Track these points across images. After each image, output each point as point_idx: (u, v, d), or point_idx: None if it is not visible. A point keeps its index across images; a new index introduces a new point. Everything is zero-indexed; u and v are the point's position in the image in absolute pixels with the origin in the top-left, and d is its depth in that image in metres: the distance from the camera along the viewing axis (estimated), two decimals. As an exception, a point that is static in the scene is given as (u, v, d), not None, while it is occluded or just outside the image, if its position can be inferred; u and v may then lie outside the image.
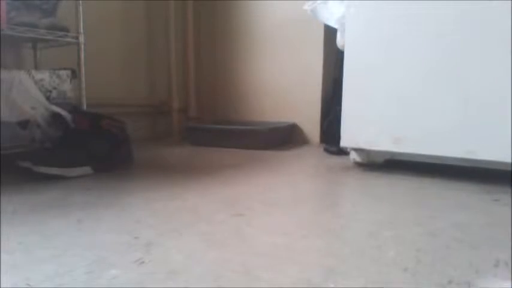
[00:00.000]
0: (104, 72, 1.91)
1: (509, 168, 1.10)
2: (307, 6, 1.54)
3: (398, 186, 1.13)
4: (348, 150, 1.44)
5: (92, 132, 1.29)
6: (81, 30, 1.53)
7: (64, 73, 1.48)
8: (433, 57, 1.18)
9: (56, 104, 1.38)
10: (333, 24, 1.47)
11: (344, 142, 1.36)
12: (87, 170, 1.24)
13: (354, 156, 1.41)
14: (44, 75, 1.42)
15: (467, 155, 1.15)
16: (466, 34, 1.13)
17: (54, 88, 1.44)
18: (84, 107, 1.55)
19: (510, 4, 1.06)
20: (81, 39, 1.52)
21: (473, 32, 1.12)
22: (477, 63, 1.12)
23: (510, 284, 0.46)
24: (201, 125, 2.10)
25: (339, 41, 1.44)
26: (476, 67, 1.12)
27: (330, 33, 1.95)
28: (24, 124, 1.31)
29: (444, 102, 1.17)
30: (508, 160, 1.08)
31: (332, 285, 0.53)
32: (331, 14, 1.46)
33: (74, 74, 1.53)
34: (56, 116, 1.32)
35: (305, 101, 2.08)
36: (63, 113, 1.31)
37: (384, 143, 1.27)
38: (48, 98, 1.39)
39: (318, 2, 1.49)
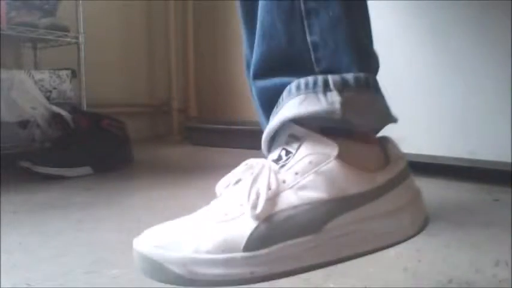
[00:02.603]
0: (104, 72, 1.91)
1: (509, 168, 1.10)
2: None
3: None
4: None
5: (92, 132, 1.29)
6: (81, 30, 1.53)
7: (64, 73, 1.49)
8: (433, 56, 1.18)
9: (56, 104, 1.38)
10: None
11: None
12: (87, 170, 1.24)
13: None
14: (44, 75, 1.42)
15: (467, 155, 1.14)
16: (466, 34, 1.13)
17: (54, 88, 1.44)
18: (84, 107, 1.55)
19: (510, 4, 1.06)
20: (81, 39, 1.52)
21: (474, 32, 1.12)
22: (477, 63, 1.12)
23: None
24: (201, 125, 2.10)
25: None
26: (476, 67, 1.12)
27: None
28: (24, 124, 1.31)
29: (445, 102, 1.17)
30: (508, 160, 1.08)
31: (332, 285, 0.53)
32: None
33: (74, 74, 1.53)
34: (56, 116, 1.32)
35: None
36: (63, 113, 1.31)
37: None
38: (48, 98, 1.39)
39: None
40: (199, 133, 2.01)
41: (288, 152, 0.40)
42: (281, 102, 0.41)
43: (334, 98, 0.38)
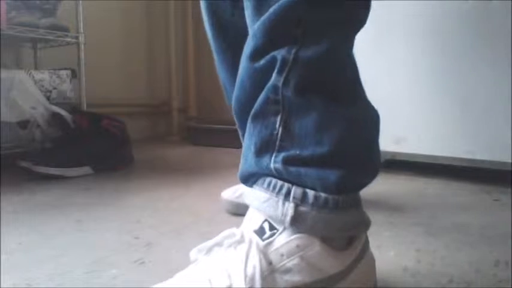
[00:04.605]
0: (103, 72, 1.91)
1: (509, 168, 1.10)
2: None
3: (398, 186, 1.13)
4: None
5: (92, 132, 1.29)
6: (81, 30, 1.53)
7: (64, 73, 1.48)
8: (433, 57, 1.18)
9: (56, 104, 1.38)
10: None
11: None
12: (87, 170, 1.24)
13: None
14: (44, 75, 1.42)
15: (467, 155, 1.14)
16: (466, 34, 1.13)
17: (54, 88, 1.44)
18: (84, 107, 1.55)
19: (510, 4, 1.06)
20: (81, 39, 1.52)
21: (474, 32, 1.12)
22: (477, 63, 1.12)
23: None
24: (201, 125, 2.10)
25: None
26: (476, 67, 1.12)
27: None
28: (24, 124, 1.31)
29: (444, 102, 1.17)
30: (508, 160, 1.08)
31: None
32: None
33: (74, 74, 1.53)
34: (56, 116, 1.32)
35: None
36: (63, 113, 1.31)
37: (385, 143, 1.27)
38: (48, 98, 1.39)
39: None
40: (199, 133, 2.01)
41: (272, 227, 0.42)
42: (251, 190, 0.46)
43: (289, 210, 0.42)
